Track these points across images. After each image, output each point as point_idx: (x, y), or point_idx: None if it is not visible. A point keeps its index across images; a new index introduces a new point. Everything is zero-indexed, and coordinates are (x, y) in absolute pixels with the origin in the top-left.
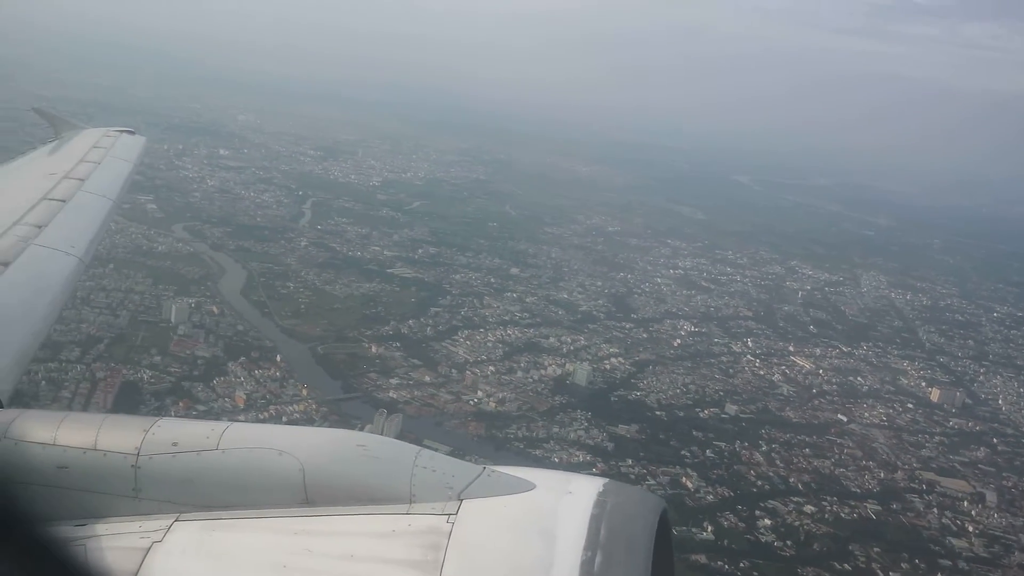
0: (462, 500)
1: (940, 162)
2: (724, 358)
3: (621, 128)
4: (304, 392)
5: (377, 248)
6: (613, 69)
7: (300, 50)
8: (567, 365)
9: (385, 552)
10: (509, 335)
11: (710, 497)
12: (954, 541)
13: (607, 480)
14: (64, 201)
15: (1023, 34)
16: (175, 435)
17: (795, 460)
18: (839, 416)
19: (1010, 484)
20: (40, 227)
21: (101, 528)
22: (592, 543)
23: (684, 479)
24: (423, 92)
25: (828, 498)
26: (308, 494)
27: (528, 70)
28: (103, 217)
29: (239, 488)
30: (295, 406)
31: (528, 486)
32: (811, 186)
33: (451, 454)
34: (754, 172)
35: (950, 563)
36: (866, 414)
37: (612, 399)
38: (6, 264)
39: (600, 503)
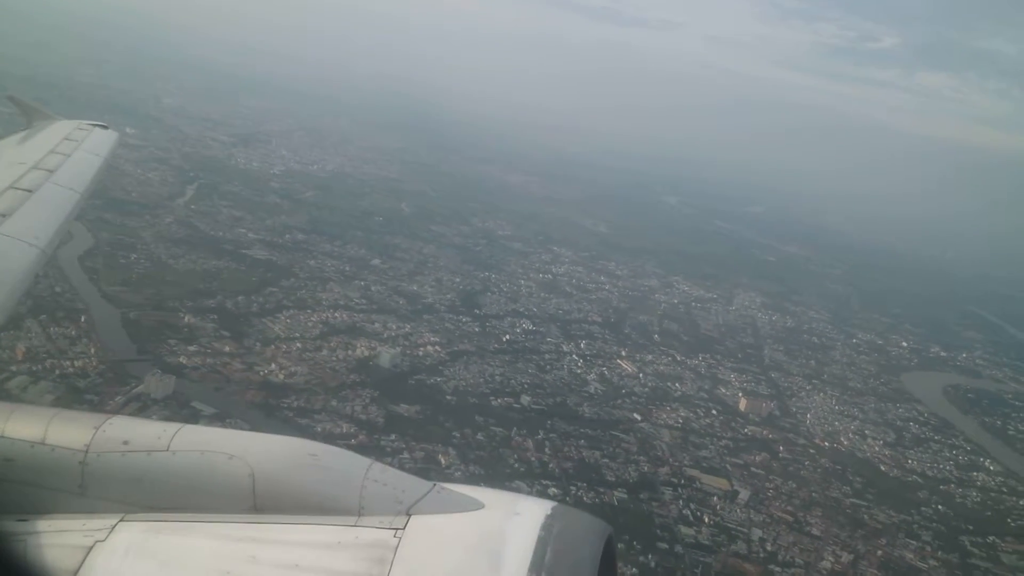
0: (411, 515)
1: (888, 201)
2: (548, 356)
3: (580, 146)
4: (92, 351)
5: (243, 231)
6: (581, 94)
7: (286, 49)
8: (377, 348)
9: (331, 563)
10: (335, 318)
11: (458, 473)
12: (684, 529)
13: (555, 504)
14: (31, 191)
15: (973, 86)
16: (126, 434)
17: (565, 449)
18: (634, 415)
19: (771, 486)
20: (4, 216)
21: (44, 524)
22: (537, 566)
23: (440, 456)
24: (398, 98)
25: (578, 483)
26: (257, 500)
27: (498, 90)
28: (69, 210)
29: (187, 491)
30: (76, 362)
31: (477, 505)
32: (742, 213)
33: (215, 416)
34: (689, 195)
35: (667, 546)
36: (664, 416)
37: (409, 382)
38: None
39: (547, 526)
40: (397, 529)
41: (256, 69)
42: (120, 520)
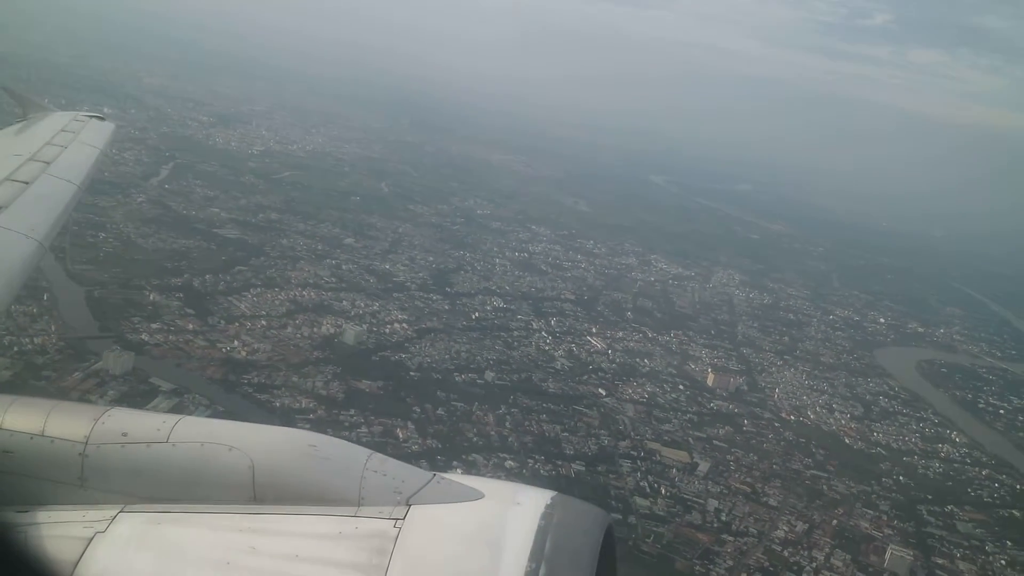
0: (410, 506)
1: (878, 178)
2: (516, 333)
3: (568, 125)
4: (53, 328)
5: (216, 210)
6: (571, 71)
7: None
8: (343, 325)
9: (331, 554)
10: (303, 296)
11: (415, 447)
12: (639, 500)
13: (555, 493)
14: (27, 183)
15: (965, 62)
16: (125, 425)
17: (526, 424)
18: (599, 391)
19: (732, 458)
20: (1, 208)
21: (44, 516)
22: (537, 555)
23: (398, 430)
24: (387, 75)
25: (536, 456)
26: (256, 492)
27: (486, 65)
28: (66, 202)
29: (187, 482)
30: (36, 339)
31: (476, 495)
32: (729, 191)
33: (173, 392)
34: (676, 174)
35: (620, 517)
36: (629, 391)
37: (373, 359)
38: None
39: (547, 515)
40: (397, 519)
41: (246, 44)
42: (120, 511)
